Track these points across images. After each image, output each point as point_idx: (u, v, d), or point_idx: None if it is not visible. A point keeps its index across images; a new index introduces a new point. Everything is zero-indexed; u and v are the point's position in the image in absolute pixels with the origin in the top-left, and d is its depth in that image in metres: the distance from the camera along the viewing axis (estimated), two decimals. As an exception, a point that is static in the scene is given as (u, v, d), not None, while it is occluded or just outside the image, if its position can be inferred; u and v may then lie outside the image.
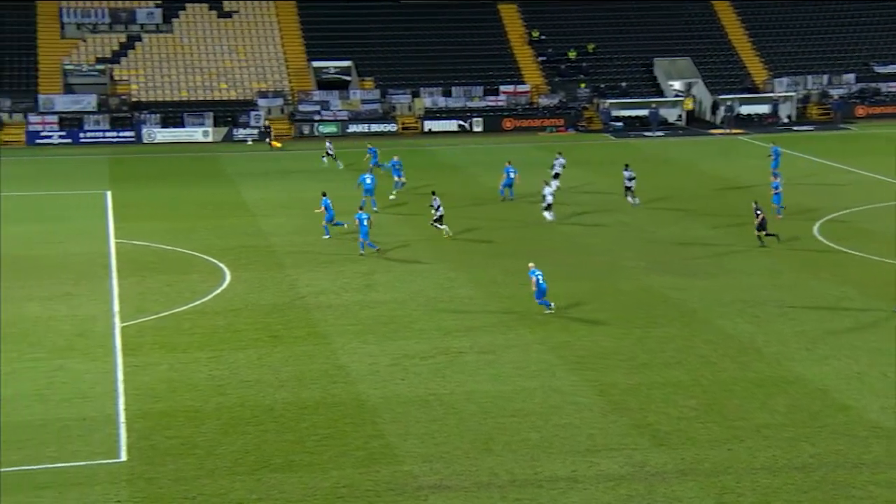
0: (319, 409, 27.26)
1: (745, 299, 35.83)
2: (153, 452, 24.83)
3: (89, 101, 71.90)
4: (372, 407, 27.42)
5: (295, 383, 28.96)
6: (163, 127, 71.20)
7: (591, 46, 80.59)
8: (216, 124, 71.54)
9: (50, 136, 69.82)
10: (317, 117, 73.44)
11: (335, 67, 76.96)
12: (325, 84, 76.16)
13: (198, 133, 71.16)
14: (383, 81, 76.16)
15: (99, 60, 75.40)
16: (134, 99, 73.59)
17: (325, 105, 74.07)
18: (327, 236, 43.58)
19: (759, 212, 42.46)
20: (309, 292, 37.00)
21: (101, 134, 70.50)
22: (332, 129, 72.60)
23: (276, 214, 48.82)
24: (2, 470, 23.83)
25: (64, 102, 71.70)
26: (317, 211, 44.07)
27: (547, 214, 46.10)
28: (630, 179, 49.52)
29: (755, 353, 31.06)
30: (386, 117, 74.02)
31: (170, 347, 31.73)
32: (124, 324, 33.76)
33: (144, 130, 70.73)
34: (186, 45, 77.52)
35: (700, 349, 31.44)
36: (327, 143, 62.29)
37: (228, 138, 70.72)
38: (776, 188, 47.12)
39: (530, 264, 34.88)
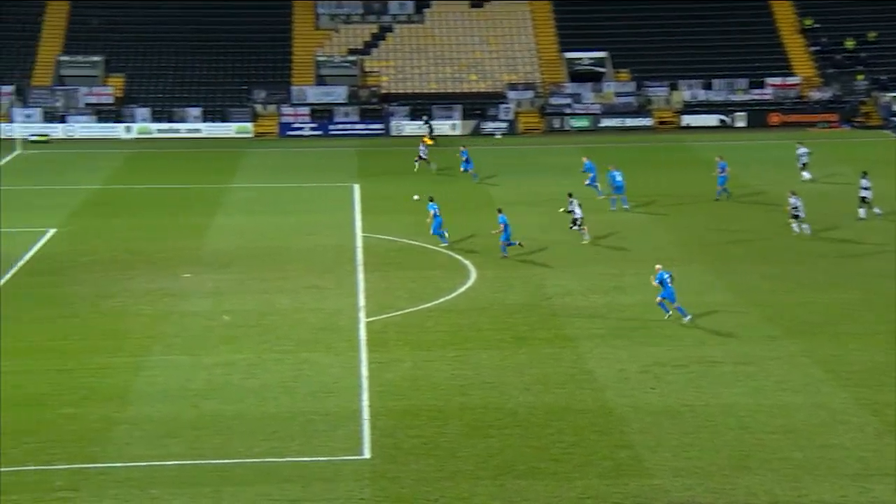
0: (565, 416, 27.20)
1: None
2: (396, 451, 25.44)
3: (340, 93, 74.60)
4: (620, 415, 27.13)
5: (540, 387, 29.03)
6: (411, 119, 72.95)
7: (871, 35, 76.88)
8: (464, 117, 72.70)
9: (301, 128, 72.85)
10: (568, 111, 73.38)
11: (589, 58, 76.70)
12: (577, 76, 76.04)
13: (446, 126, 72.53)
14: (639, 73, 75.26)
15: (351, 52, 78.10)
16: (384, 91, 75.80)
17: (577, 98, 73.95)
18: (445, 244, 42.76)
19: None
20: (555, 293, 37.01)
21: (350, 126, 73.00)
22: (583, 122, 72.40)
23: (523, 211, 49.08)
24: (251, 461, 25.02)
25: (315, 94, 74.66)
26: (428, 220, 43.39)
27: (795, 227, 43.70)
28: (866, 189, 46.34)
29: None
30: (641, 111, 73.13)
31: (414, 345, 32.44)
32: (369, 319, 34.75)
33: (393, 123, 72.71)
34: (437, 36, 79.16)
35: None
36: (421, 147, 58.46)
37: (476, 132, 71.69)
38: None
39: (657, 266, 34.03)
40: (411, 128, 72.47)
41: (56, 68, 76.17)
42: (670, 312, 33.62)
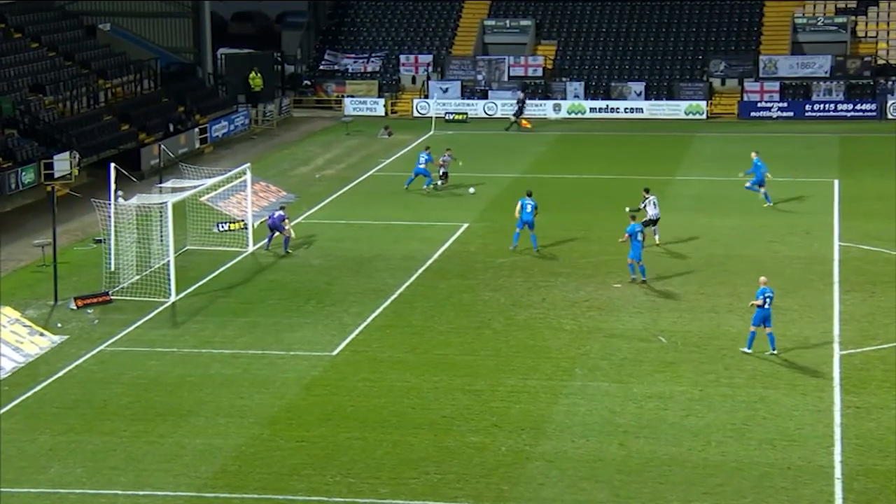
0: None
1: None
2: (875, 521, 24.55)
3: (822, 65, 72.86)
4: None
5: None
6: (912, 99, 70.20)
7: None
8: None
9: (768, 108, 71.91)
10: None
11: None
12: None
13: (955, 107, 69.16)
14: None
15: (839, 11, 76.02)
16: (880, 61, 73.20)
17: None
18: (512, 248, 44.01)
19: None
20: None
21: (832, 106, 71.20)
22: None
23: None
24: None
25: (789, 66, 73.40)
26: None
27: None
28: None
29: None
30: None
31: (903, 388, 31.22)
32: (846, 351, 33.74)
33: (890, 103, 70.11)
34: (951, -9, 75.47)
35: None
36: (445, 157, 54.54)
37: None
38: None
39: (762, 279, 33.99)
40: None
41: (479, 35, 79.72)
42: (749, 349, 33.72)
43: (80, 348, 35.16)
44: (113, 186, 43.50)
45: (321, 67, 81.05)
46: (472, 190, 52.94)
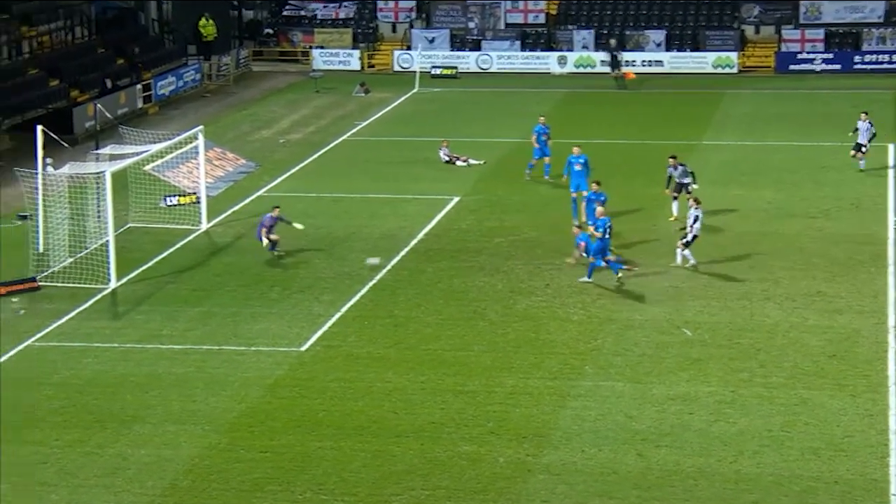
0: None
1: None
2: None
3: (874, 8, 72.92)
4: None
5: None
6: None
7: None
8: None
9: (810, 61, 71.99)
10: None
11: None
12: None
13: None
14: None
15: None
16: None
17: None
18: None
19: None
20: None
21: (886, 57, 71.29)
22: None
23: None
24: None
25: (836, 10, 73.43)
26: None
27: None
28: None
29: None
30: None
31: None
32: (904, 345, 33.98)
33: (952, 53, 70.47)
34: None
35: None
36: (442, 150, 53.20)
37: None
38: None
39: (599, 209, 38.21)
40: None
41: (472, -26, 79.64)
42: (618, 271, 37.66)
43: (2, 343, 35.12)
44: (41, 153, 43.39)
45: (285, 13, 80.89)
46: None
